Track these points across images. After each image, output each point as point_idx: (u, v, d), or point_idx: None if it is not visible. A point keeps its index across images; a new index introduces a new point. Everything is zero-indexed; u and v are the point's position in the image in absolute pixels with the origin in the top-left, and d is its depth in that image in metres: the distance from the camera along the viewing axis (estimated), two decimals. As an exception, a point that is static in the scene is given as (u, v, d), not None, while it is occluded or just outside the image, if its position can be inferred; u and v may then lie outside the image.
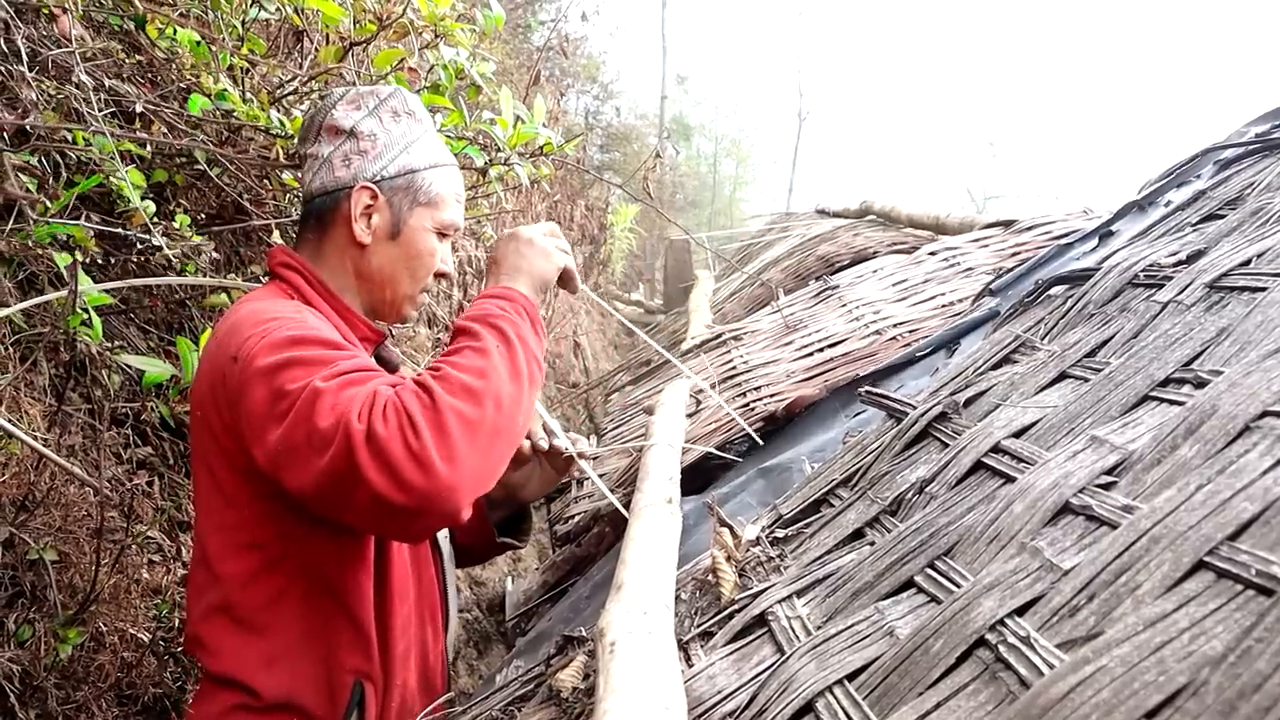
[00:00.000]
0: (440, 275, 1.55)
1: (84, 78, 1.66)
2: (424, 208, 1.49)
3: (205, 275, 2.03)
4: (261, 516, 1.28)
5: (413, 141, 1.50)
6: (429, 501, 1.11)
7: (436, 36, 2.25)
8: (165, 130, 1.99)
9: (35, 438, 1.67)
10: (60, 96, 1.78)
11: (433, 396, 1.16)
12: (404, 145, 1.49)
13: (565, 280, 1.52)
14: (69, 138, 1.76)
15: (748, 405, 1.98)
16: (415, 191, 1.47)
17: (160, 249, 1.81)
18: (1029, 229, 2.84)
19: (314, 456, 1.12)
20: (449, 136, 2.27)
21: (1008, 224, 3.05)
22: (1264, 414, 0.79)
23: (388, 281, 1.48)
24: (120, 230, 1.80)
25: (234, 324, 1.30)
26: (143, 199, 1.77)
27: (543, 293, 1.48)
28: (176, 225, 1.94)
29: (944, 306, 2.24)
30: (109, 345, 1.86)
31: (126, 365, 1.81)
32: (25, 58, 1.68)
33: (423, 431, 1.12)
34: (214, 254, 2.02)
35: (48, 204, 1.69)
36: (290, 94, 2.26)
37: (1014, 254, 2.58)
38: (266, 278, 1.51)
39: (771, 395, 1.97)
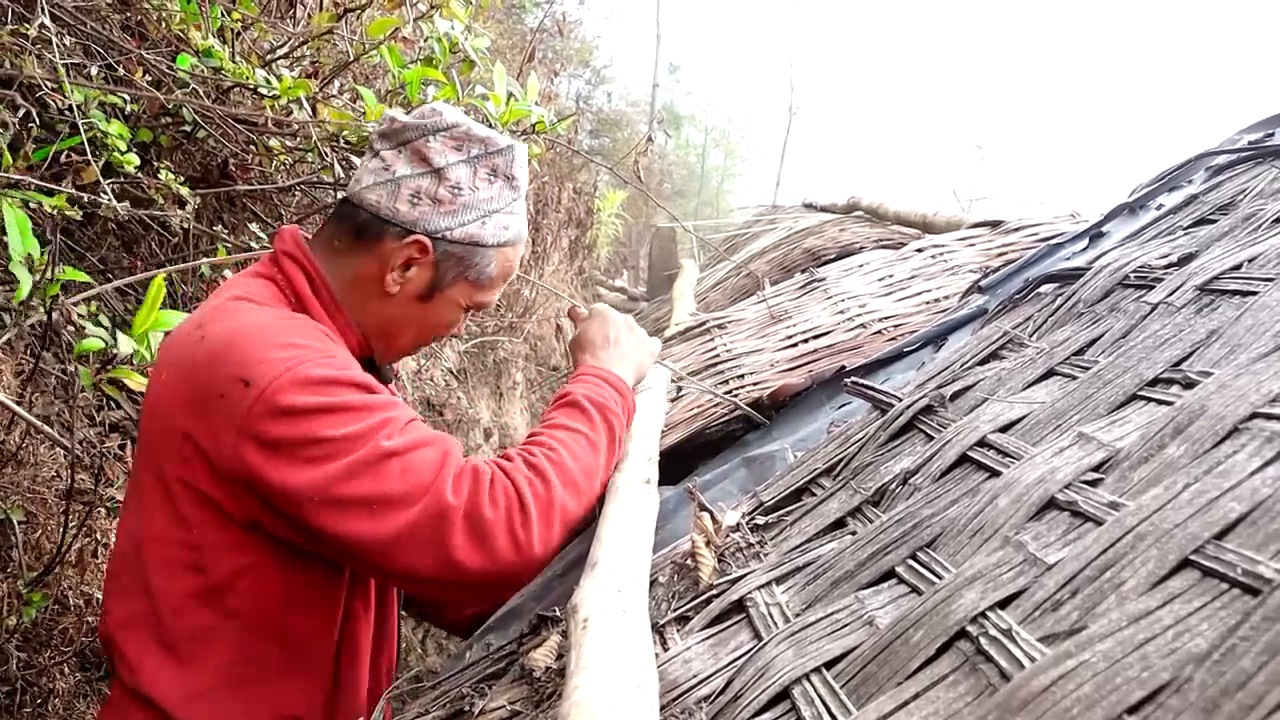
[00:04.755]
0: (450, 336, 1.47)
1: (48, 21, 1.60)
2: (468, 284, 1.36)
3: (189, 232, 2.00)
4: (214, 544, 1.17)
5: (494, 211, 1.34)
6: (513, 576, 1.16)
7: (432, 8, 2.22)
8: (150, 84, 1.95)
9: (6, 392, 1.64)
10: (36, 46, 1.74)
11: (548, 488, 1.19)
12: (483, 213, 1.33)
13: None
14: (44, 86, 1.72)
15: (730, 393, 1.97)
16: (468, 266, 1.34)
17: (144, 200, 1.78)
18: (1016, 230, 2.85)
19: (382, 514, 1.10)
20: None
21: (995, 224, 3.05)
22: (1253, 416, 0.78)
23: (391, 333, 1.37)
24: (91, 192, 1.77)
25: (236, 336, 1.17)
26: (124, 154, 1.73)
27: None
28: (161, 180, 1.90)
29: (930, 303, 2.24)
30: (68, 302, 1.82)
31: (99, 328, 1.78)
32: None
33: (531, 520, 1.16)
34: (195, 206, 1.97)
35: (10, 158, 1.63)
36: (281, 58, 2.23)
37: (1001, 254, 2.58)
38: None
39: (755, 384, 1.96)
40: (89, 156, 1.55)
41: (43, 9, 1.59)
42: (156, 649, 1.17)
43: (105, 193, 1.49)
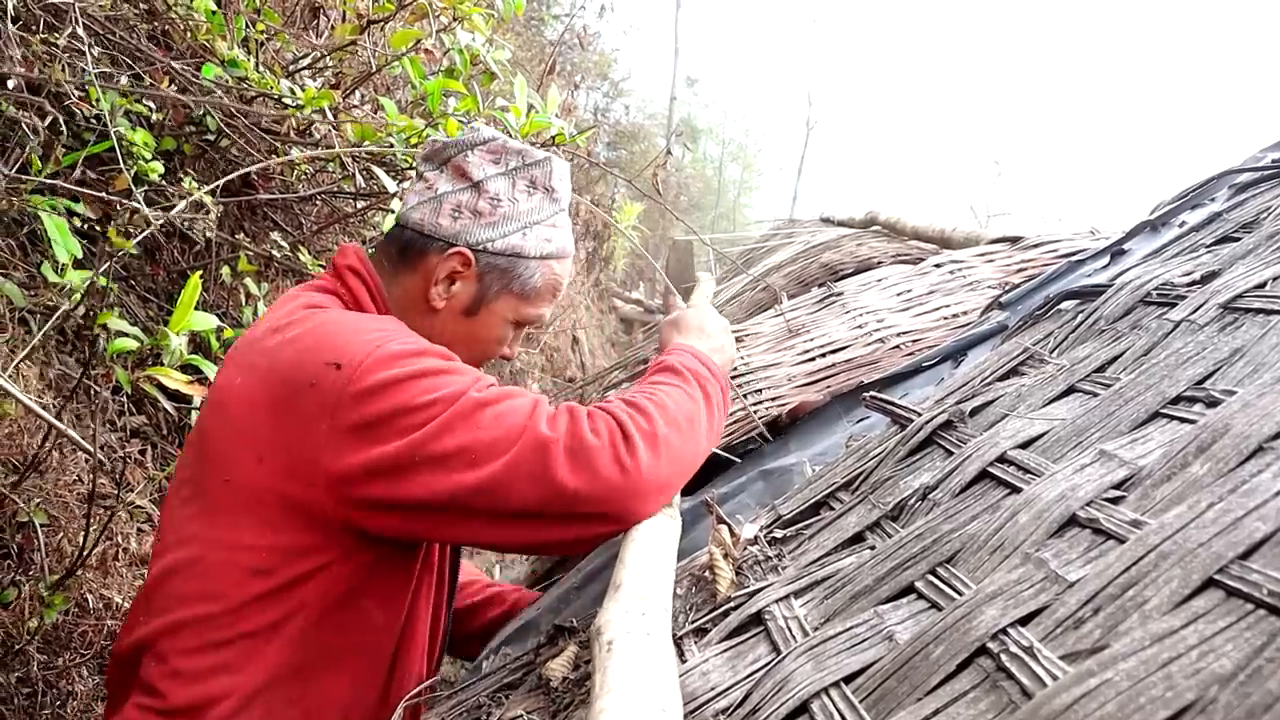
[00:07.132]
0: (501, 358, 1.46)
1: (80, 31, 1.62)
2: (513, 297, 1.37)
3: (211, 240, 2.02)
4: (293, 546, 1.16)
5: (535, 223, 1.36)
6: (621, 502, 1.13)
7: (454, 20, 2.24)
8: (176, 91, 1.97)
9: (31, 398, 1.66)
10: (66, 54, 1.76)
11: (650, 421, 1.19)
12: (524, 224, 1.35)
13: None
14: (73, 94, 1.74)
15: (748, 408, 1.97)
16: (512, 278, 1.36)
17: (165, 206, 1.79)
18: (1035, 246, 2.83)
19: (483, 461, 1.10)
20: (461, 121, 2.26)
21: (1014, 240, 3.03)
22: (1278, 435, 0.78)
23: None
24: (117, 197, 1.78)
25: (321, 329, 1.19)
26: (149, 162, 1.75)
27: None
28: (185, 187, 1.92)
29: (948, 318, 2.23)
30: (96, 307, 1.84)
31: (119, 330, 1.79)
32: (10, 11, 1.63)
33: (636, 445, 1.15)
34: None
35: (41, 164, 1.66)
36: (304, 68, 2.25)
37: (1019, 270, 2.57)
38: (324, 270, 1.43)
39: (773, 398, 1.96)
40: (121, 165, 1.58)
41: (74, 19, 1.61)
42: (207, 653, 1.15)
43: (137, 201, 1.51)
